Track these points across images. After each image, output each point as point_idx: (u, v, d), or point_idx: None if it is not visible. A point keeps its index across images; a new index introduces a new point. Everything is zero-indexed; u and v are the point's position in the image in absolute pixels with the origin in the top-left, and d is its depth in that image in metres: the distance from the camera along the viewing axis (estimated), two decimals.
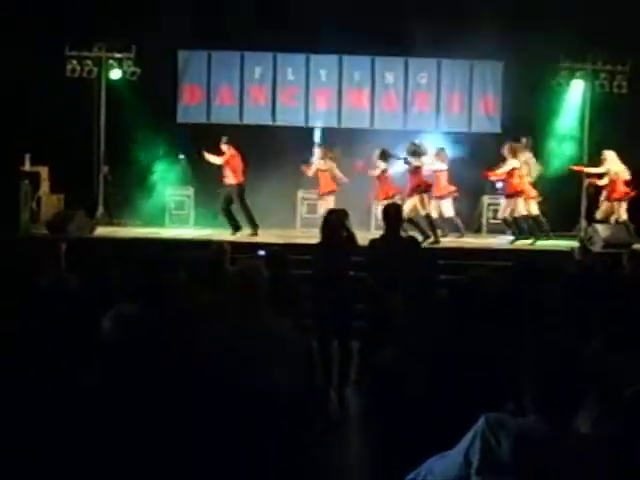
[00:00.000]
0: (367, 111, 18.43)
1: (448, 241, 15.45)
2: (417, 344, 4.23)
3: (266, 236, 15.30)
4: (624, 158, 16.14)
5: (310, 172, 16.05)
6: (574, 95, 17.79)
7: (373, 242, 8.79)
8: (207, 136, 17.07)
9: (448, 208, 16.05)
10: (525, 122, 17.28)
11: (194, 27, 16.87)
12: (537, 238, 15.35)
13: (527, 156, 15.74)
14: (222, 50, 18.23)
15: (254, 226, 15.65)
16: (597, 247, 14.20)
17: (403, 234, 9.70)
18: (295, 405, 4.55)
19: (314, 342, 7.96)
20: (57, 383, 4.01)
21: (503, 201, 15.87)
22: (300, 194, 17.28)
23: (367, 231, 14.66)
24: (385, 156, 15.51)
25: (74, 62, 17.15)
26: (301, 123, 18.20)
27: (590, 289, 5.73)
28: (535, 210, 15.64)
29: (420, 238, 13.04)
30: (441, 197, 16.01)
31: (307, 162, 16.06)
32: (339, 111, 18.46)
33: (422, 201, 15.05)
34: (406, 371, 4.09)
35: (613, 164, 15.81)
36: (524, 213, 15.39)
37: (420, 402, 4.03)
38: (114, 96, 17.41)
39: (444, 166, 16.09)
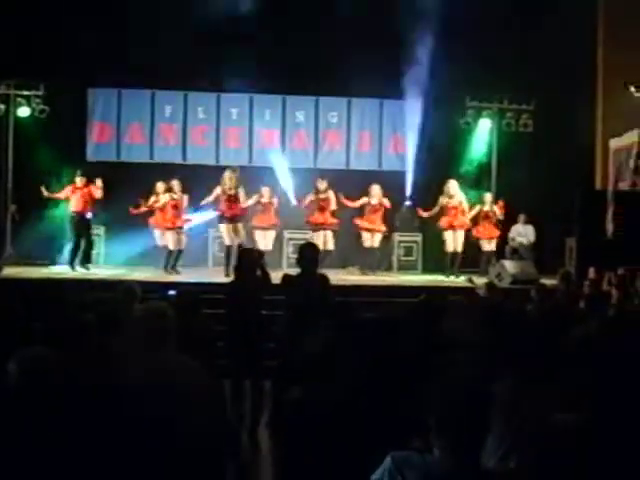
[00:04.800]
0: (278, 150, 18.51)
1: (358, 279, 15.57)
2: (326, 383, 4.25)
3: (178, 275, 15.20)
4: (530, 192, 16.60)
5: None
6: (482, 133, 18.14)
7: (287, 278, 8.77)
8: (117, 174, 16.99)
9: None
10: (434, 160, 17.60)
11: (103, 65, 16.75)
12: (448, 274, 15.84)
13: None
14: (132, 88, 18.16)
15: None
16: (505, 283, 14.44)
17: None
18: (206, 449, 4.50)
19: (226, 383, 7.92)
20: None
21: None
22: (212, 232, 17.22)
23: (279, 269, 14.69)
24: None
25: None
26: (212, 162, 18.18)
27: (497, 325, 5.82)
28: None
29: None
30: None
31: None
32: (250, 150, 18.52)
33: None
34: (314, 411, 4.10)
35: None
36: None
37: (330, 441, 4.03)
38: (22, 134, 17.17)
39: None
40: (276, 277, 8.93)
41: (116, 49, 16.49)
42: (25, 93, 17.15)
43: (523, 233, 17.63)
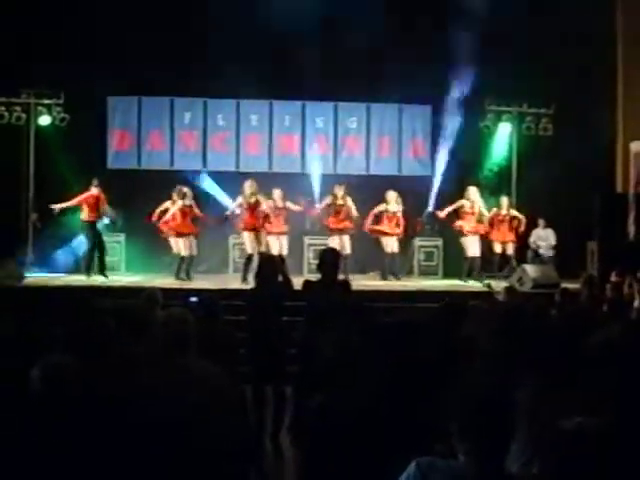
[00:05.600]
0: (298, 156, 18.53)
1: (379, 284, 15.56)
2: (348, 389, 4.24)
3: (199, 282, 15.23)
4: (550, 196, 16.57)
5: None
6: (502, 137, 18.09)
7: (308, 284, 8.76)
8: (138, 181, 17.10)
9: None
10: (454, 164, 17.58)
11: (123, 73, 16.83)
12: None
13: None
14: (152, 96, 18.22)
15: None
16: (527, 287, 14.38)
17: None
18: (228, 453, 4.51)
19: (248, 388, 7.93)
20: None
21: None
22: (232, 239, 17.24)
23: (300, 275, 14.69)
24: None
25: (2, 108, 17.02)
26: (232, 168, 18.22)
27: (518, 329, 5.79)
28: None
29: None
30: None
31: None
32: (270, 156, 18.54)
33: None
34: (336, 417, 4.09)
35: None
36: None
37: (352, 447, 4.02)
38: (43, 143, 17.26)
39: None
40: (297, 283, 8.93)
41: (135, 58, 16.57)
42: (46, 102, 17.25)
43: (543, 237, 17.58)
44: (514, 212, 16.72)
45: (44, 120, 17.31)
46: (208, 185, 17.24)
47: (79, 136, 16.99)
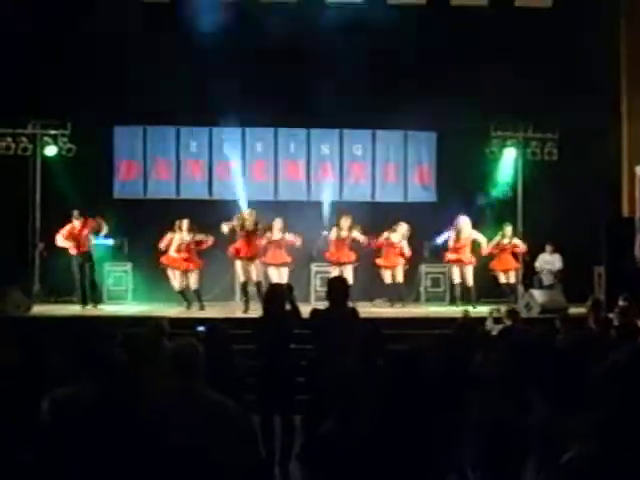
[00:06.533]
0: (303, 183, 18.53)
1: (385, 311, 15.52)
2: (357, 416, 4.22)
3: (206, 311, 15.20)
4: (556, 220, 16.54)
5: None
6: (507, 163, 18.06)
7: (316, 312, 8.76)
8: (144, 211, 17.11)
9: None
10: (460, 191, 17.55)
11: (128, 103, 16.91)
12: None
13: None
14: (158, 125, 18.28)
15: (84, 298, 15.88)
16: (534, 313, 14.34)
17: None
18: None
19: (256, 417, 7.89)
20: None
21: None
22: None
23: (307, 303, 14.68)
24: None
25: (9, 139, 17.06)
26: (238, 196, 18.21)
27: (527, 354, 5.76)
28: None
29: None
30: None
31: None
32: (275, 183, 18.54)
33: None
34: (348, 444, 4.07)
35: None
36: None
37: (363, 476, 4.00)
38: (50, 173, 17.30)
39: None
40: (304, 311, 8.91)
41: (140, 88, 16.61)
42: (52, 132, 17.29)
43: (550, 262, 17.54)
44: (516, 240, 16.76)
45: (50, 150, 17.35)
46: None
47: (85, 166, 17.05)
